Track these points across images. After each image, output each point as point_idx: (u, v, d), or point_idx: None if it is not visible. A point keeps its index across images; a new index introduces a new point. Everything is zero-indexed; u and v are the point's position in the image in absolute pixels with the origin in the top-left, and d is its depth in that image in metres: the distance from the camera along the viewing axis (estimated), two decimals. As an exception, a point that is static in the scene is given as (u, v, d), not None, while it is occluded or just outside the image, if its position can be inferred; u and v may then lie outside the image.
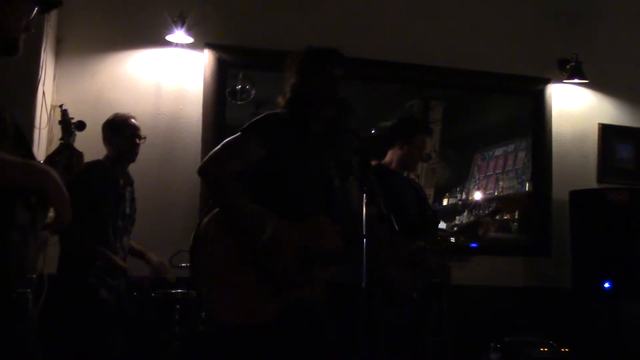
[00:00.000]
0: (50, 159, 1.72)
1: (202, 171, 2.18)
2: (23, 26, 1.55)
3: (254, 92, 4.51)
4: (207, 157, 2.18)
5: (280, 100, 2.28)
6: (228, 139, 2.20)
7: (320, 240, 2.11)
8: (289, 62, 2.31)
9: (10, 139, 1.51)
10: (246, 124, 2.20)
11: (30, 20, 1.58)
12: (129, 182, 3.29)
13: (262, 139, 2.15)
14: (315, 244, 2.11)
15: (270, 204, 2.11)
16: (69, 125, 1.86)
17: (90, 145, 3.63)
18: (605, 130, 4.64)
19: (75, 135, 1.87)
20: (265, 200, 2.12)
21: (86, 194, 2.94)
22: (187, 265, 2.23)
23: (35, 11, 1.58)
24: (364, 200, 1.98)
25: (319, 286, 2.10)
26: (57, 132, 3.81)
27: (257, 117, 2.24)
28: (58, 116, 1.94)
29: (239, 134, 2.19)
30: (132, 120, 3.23)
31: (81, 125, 1.90)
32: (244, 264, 2.06)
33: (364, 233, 1.94)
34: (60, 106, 1.99)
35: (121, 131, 3.19)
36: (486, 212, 3.51)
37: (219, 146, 2.19)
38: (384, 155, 3.40)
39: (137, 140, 3.23)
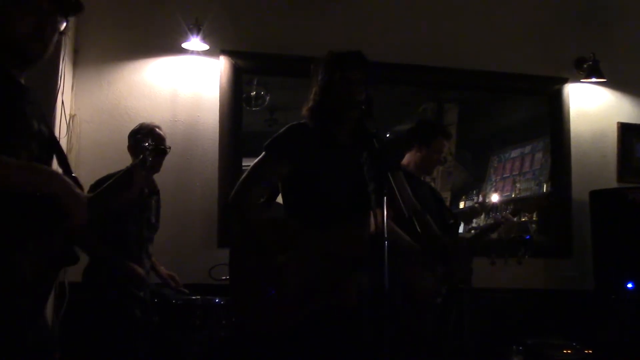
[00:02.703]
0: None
1: (230, 203, 2.26)
2: (30, 30, 1.47)
3: (268, 97, 4.53)
4: (235, 188, 2.24)
5: (304, 109, 2.29)
6: (254, 162, 2.25)
7: (347, 246, 2.11)
8: (312, 69, 2.31)
9: (32, 152, 1.48)
10: (269, 140, 2.24)
11: (53, 25, 1.51)
12: (155, 191, 3.30)
13: (284, 156, 2.20)
14: (341, 250, 2.11)
15: (303, 213, 2.17)
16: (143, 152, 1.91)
17: (109, 153, 3.68)
18: (624, 129, 4.61)
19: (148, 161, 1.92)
20: (297, 209, 2.20)
21: None
22: (226, 278, 2.27)
23: (60, 18, 1.53)
24: (385, 203, 1.95)
25: (349, 292, 2.09)
26: (76, 141, 3.87)
27: (280, 131, 2.26)
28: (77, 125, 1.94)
29: (262, 154, 2.24)
30: (157, 130, 3.24)
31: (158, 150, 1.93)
32: (269, 274, 2.10)
33: (386, 237, 1.92)
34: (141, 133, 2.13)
35: (146, 141, 3.17)
36: (503, 213, 3.48)
37: (245, 173, 2.26)
38: (402, 158, 3.39)
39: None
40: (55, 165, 1.70)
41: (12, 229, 1.36)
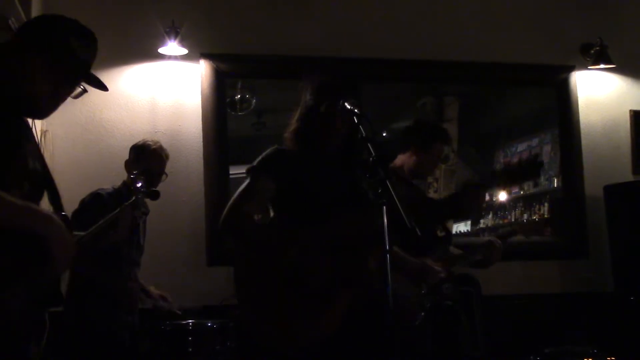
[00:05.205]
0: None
1: (222, 222, 2.29)
2: (47, 92, 1.64)
3: (254, 101, 4.51)
4: (225, 210, 2.29)
5: (287, 133, 2.35)
6: (239, 188, 2.32)
7: (354, 229, 2.19)
8: (300, 88, 2.36)
9: (23, 190, 1.56)
10: (251, 165, 2.32)
11: (66, 92, 1.69)
12: (146, 211, 3.28)
13: (269, 174, 2.28)
14: (349, 234, 2.18)
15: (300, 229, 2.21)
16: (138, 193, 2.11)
17: (86, 170, 3.65)
18: (638, 117, 4.59)
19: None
20: (288, 217, 2.25)
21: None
22: (224, 301, 2.31)
23: (76, 88, 1.73)
24: (384, 212, 1.94)
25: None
26: (50, 159, 3.83)
27: (262, 155, 2.34)
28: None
29: (247, 179, 2.31)
30: (160, 151, 3.26)
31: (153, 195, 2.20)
32: (286, 289, 2.14)
33: (387, 249, 1.91)
34: (134, 174, 2.27)
35: (139, 181, 3.20)
36: (500, 234, 3.48)
37: (233, 196, 2.32)
38: (393, 158, 3.36)
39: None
40: (46, 202, 1.78)
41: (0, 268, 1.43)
